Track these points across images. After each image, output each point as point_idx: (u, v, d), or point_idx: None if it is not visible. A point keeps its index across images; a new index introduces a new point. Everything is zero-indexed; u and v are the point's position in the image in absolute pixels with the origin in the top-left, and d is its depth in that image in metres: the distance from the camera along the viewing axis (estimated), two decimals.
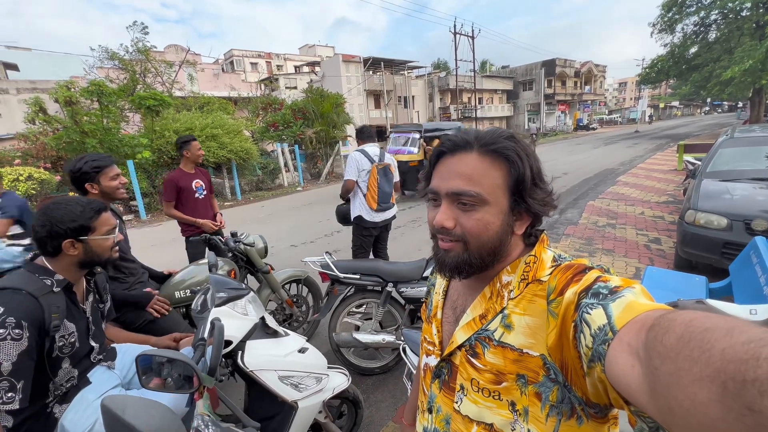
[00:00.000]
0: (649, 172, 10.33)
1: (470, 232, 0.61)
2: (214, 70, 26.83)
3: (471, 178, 0.60)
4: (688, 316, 0.34)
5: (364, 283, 2.47)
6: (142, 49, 13.28)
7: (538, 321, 0.57)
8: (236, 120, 12.71)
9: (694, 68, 21.35)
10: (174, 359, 0.87)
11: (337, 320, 2.55)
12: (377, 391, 2.41)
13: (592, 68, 43.53)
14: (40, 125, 9.24)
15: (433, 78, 34.99)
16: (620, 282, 0.49)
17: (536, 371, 0.57)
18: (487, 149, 0.61)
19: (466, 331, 0.65)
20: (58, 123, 9.01)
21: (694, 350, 0.29)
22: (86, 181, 1.75)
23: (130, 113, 11.28)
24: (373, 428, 2.10)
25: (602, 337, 0.43)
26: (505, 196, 0.61)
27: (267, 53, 37.86)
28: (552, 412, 0.56)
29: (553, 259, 0.62)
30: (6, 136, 13.69)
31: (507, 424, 0.59)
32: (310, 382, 1.58)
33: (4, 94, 19.04)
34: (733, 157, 4.26)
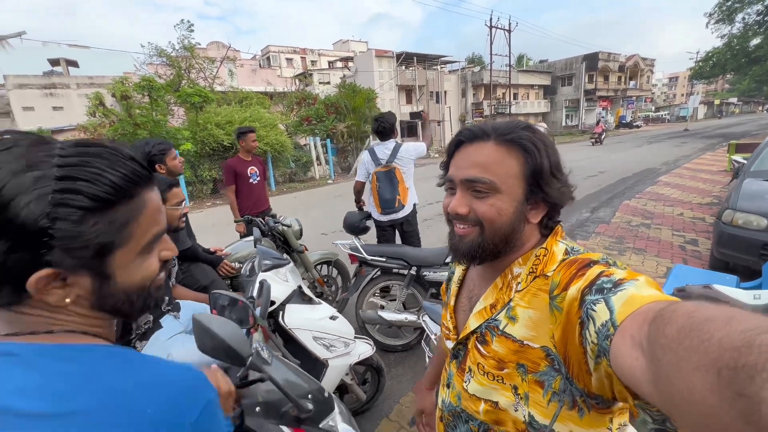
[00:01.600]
0: (694, 173, 9.76)
1: (484, 217, 0.63)
2: (252, 65, 27.84)
3: (485, 167, 0.63)
4: (690, 307, 0.34)
5: (389, 265, 2.65)
6: (187, 46, 14.09)
7: (541, 314, 0.58)
8: (272, 114, 13.26)
9: (755, 61, 19.74)
10: (236, 300, 1.08)
11: (364, 299, 2.75)
12: (398, 366, 2.59)
13: (638, 62, 40.97)
14: (99, 118, 10.11)
15: (466, 73, 34.40)
16: (624, 274, 0.49)
17: (536, 362, 0.59)
18: (503, 139, 0.63)
19: (477, 318, 0.68)
20: (115, 115, 9.82)
21: (694, 340, 0.30)
22: (155, 162, 2.04)
23: (174, 107, 12.09)
24: (394, 398, 2.28)
25: (605, 332, 0.43)
26: (520, 184, 0.63)
27: (302, 49, 38.73)
28: (554, 398, 0.58)
29: (564, 252, 0.63)
30: (68, 127, 15.04)
31: (510, 405, 0.62)
32: (339, 345, 1.78)
33: (66, 89, 20.83)
34: None
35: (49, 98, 20.38)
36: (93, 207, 0.41)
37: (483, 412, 0.66)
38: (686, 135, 23.99)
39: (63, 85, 20.90)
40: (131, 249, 0.45)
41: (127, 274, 0.46)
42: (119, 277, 0.45)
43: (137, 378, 0.42)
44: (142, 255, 0.47)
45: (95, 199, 0.41)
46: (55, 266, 0.40)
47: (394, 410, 2.18)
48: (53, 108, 20.07)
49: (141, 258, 0.47)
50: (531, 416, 0.60)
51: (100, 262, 0.43)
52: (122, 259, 0.45)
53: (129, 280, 0.46)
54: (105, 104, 9.95)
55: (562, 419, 0.58)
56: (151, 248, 0.48)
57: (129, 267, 0.46)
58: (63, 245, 0.40)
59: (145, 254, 0.47)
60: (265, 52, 37.42)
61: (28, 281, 0.39)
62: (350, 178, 13.86)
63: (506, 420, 0.63)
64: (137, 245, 0.46)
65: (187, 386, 0.44)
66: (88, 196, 0.40)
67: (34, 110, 19.50)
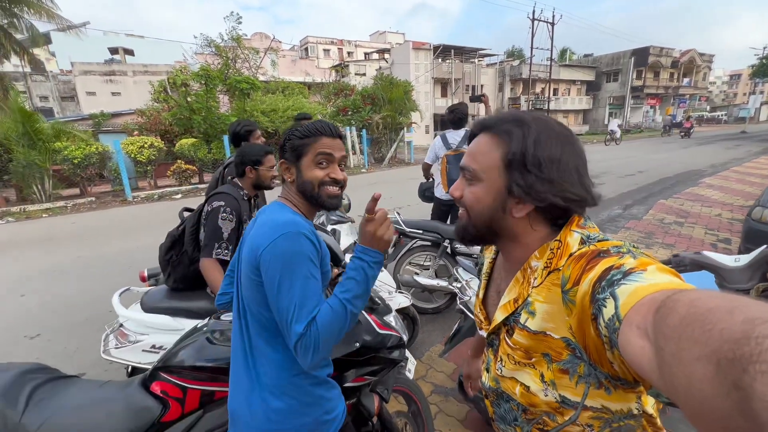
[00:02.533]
0: (743, 176, 9.34)
1: (466, 203, 0.69)
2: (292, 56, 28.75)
3: (473, 156, 0.68)
4: (692, 296, 0.34)
5: (425, 237, 3.03)
6: (235, 36, 14.92)
7: (557, 308, 0.60)
8: (311, 104, 13.88)
9: None
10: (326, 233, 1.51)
11: (401, 266, 3.15)
12: (429, 324, 2.98)
13: (695, 57, 38.17)
14: (160, 104, 11.06)
15: (504, 67, 33.67)
16: (635, 264, 0.49)
17: (559, 351, 0.61)
18: (495, 129, 0.66)
19: (503, 312, 0.70)
20: (174, 102, 10.73)
21: (696, 330, 0.30)
22: (242, 139, 2.52)
23: (220, 95, 12.95)
24: (426, 346, 2.68)
25: (612, 327, 0.44)
26: (501, 175, 0.64)
27: (339, 40, 39.30)
28: (581, 380, 0.60)
29: (580, 241, 0.61)
30: (127, 111, 16.31)
31: (540, 390, 0.65)
32: (384, 292, 2.19)
33: (124, 76, 22.45)
34: None
35: (109, 84, 22.02)
36: (299, 135, 0.97)
37: (519, 394, 0.69)
38: (743, 138, 22.39)
39: (121, 72, 22.50)
40: (308, 159, 0.96)
41: (306, 173, 0.96)
42: (303, 173, 0.96)
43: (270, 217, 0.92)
44: (312, 166, 0.96)
45: (300, 132, 0.97)
46: (285, 159, 0.99)
47: (425, 355, 2.58)
48: (112, 93, 21.72)
49: (312, 167, 0.96)
50: (562, 396, 0.63)
51: (298, 161, 0.97)
52: (305, 163, 0.96)
53: (306, 176, 0.96)
54: (168, 91, 10.87)
55: (592, 396, 0.61)
56: (318, 165, 0.96)
57: (307, 170, 0.96)
58: (288, 150, 0.98)
59: (314, 166, 0.96)
60: (303, 43, 38.35)
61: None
62: (383, 168, 14.28)
63: (539, 403, 0.66)
64: (311, 157, 0.96)
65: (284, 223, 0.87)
66: (298, 131, 0.98)
67: (95, 95, 21.21)
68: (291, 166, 0.98)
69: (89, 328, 3.08)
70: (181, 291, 1.89)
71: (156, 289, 1.96)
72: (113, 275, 4.27)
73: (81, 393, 1.10)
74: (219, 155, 10.66)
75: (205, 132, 10.91)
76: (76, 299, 3.70)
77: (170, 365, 1.13)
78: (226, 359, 1.13)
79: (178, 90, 10.49)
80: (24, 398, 1.02)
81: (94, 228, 6.94)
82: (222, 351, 1.14)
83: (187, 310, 1.82)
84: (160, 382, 1.12)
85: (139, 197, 10.02)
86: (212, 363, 1.12)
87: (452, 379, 2.31)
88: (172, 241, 1.90)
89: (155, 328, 1.79)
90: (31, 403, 1.02)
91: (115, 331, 1.84)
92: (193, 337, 1.21)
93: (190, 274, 1.83)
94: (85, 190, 10.18)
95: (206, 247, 1.71)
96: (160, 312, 1.82)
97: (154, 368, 1.15)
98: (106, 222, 7.46)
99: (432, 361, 2.51)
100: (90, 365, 2.60)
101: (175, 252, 1.88)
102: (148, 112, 13.09)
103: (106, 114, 14.88)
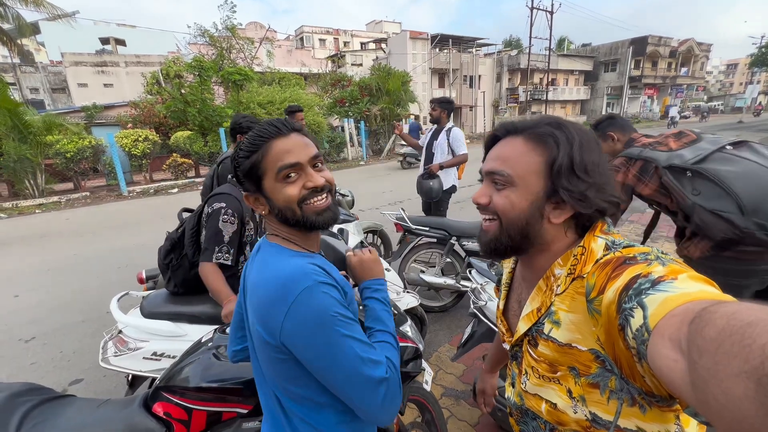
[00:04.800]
0: None
1: (498, 209, 0.64)
2: (288, 47, 28.23)
3: (506, 160, 0.64)
4: (731, 308, 0.32)
5: (432, 234, 2.95)
6: (230, 26, 14.58)
7: (582, 317, 0.57)
8: (308, 95, 13.66)
9: None
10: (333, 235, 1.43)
11: (407, 264, 3.08)
12: (436, 324, 2.92)
13: (693, 47, 37.94)
14: (153, 96, 10.83)
15: (502, 57, 33.29)
16: (664, 272, 0.47)
17: (587, 364, 0.58)
18: (529, 133, 0.64)
19: (525, 322, 0.68)
20: (168, 93, 10.50)
21: (735, 345, 0.28)
22: (239, 133, 2.42)
23: (215, 86, 12.70)
24: (433, 346, 2.62)
25: (641, 338, 0.43)
26: (539, 180, 0.62)
27: (335, 30, 38.65)
28: (612, 396, 0.57)
29: (604, 248, 0.59)
30: (120, 103, 15.98)
31: (568, 407, 0.62)
32: (392, 292, 2.12)
33: (116, 67, 21.94)
34: None
35: (101, 75, 21.52)
36: (245, 155, 0.72)
37: (545, 412, 0.66)
38: (740, 128, 22.34)
39: (113, 63, 21.97)
40: (269, 179, 0.72)
41: (277, 198, 0.72)
42: (273, 199, 0.73)
43: (272, 273, 0.70)
44: (280, 183, 0.71)
45: (245, 151, 0.73)
46: (246, 190, 0.76)
47: (432, 356, 2.52)
48: (104, 85, 21.23)
49: (280, 185, 0.71)
50: (593, 414, 0.59)
51: (260, 186, 0.73)
52: (269, 186, 0.72)
53: (278, 201, 0.72)
54: (162, 83, 10.63)
55: (626, 415, 0.57)
56: (286, 181, 0.71)
57: (274, 191, 0.72)
58: (243, 179, 0.75)
59: (282, 183, 0.71)
60: (299, 32, 37.69)
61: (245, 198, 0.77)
62: (382, 161, 14.14)
63: (568, 421, 0.63)
64: (272, 174, 0.71)
65: (291, 279, 0.66)
66: (243, 150, 0.73)
67: (87, 87, 20.73)
68: (257, 197, 0.75)
69: (86, 331, 2.99)
70: (182, 295, 1.80)
71: (156, 293, 1.87)
72: (110, 274, 4.17)
73: (77, 415, 1.02)
74: (215, 148, 10.49)
75: (200, 125, 10.71)
76: (71, 300, 3.60)
77: (174, 385, 1.05)
78: (235, 378, 1.05)
79: (172, 82, 10.25)
80: (15, 423, 0.94)
81: (90, 224, 6.80)
82: (230, 369, 1.06)
83: (189, 316, 1.73)
84: (162, 403, 1.04)
85: (135, 191, 9.86)
86: (220, 383, 1.04)
87: (462, 381, 2.25)
88: (172, 243, 1.80)
89: (156, 334, 1.71)
90: (24, 428, 0.94)
91: (113, 338, 1.75)
92: (197, 353, 1.13)
93: (191, 278, 1.75)
94: (79, 185, 10.01)
95: (206, 251, 1.62)
96: (161, 317, 1.74)
97: (156, 387, 1.07)
98: (101, 218, 7.32)
99: (441, 362, 2.45)
100: (88, 370, 2.52)
101: (174, 255, 1.79)
102: (142, 104, 12.83)
103: (98, 106, 14.58)
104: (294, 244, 0.76)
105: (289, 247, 0.75)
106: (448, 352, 2.55)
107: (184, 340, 1.69)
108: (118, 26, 29.25)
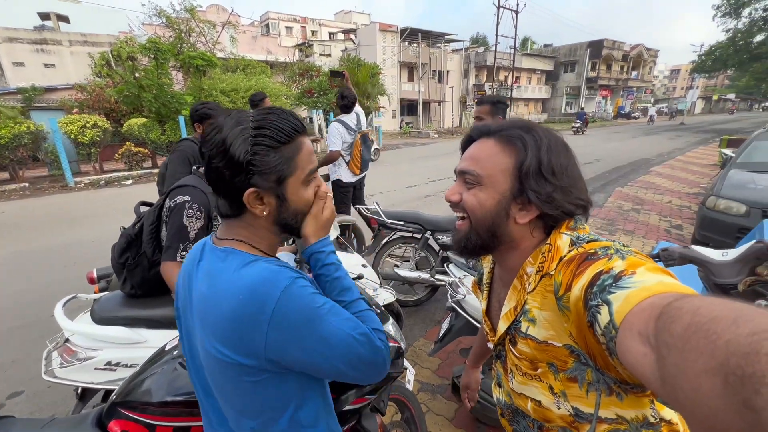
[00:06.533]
0: (686, 165, 10.13)
1: (467, 207, 0.67)
2: (253, 33, 27.00)
3: (476, 160, 0.67)
4: (695, 303, 0.33)
5: (406, 228, 2.92)
6: (188, 7, 13.66)
7: (554, 315, 0.59)
8: (275, 84, 13.15)
9: (756, 58, 19.90)
10: None
11: (381, 258, 3.04)
12: (410, 318, 2.91)
13: (642, 52, 40.69)
14: (103, 79, 9.96)
15: (470, 53, 33.88)
16: (624, 266, 0.48)
17: (564, 360, 0.60)
18: (500, 135, 0.66)
19: (504, 321, 0.70)
20: (120, 77, 9.69)
21: (700, 341, 0.29)
22: (198, 121, 2.26)
23: (173, 71, 11.88)
24: (408, 342, 2.60)
25: (609, 335, 0.44)
26: (507, 181, 0.64)
27: (302, 18, 37.46)
28: (591, 388, 0.59)
29: (570, 243, 0.61)
30: (63, 86, 14.59)
31: (551, 403, 0.65)
32: (369, 289, 2.07)
33: (58, 45, 20.00)
34: (766, 149, 4.34)
35: (41, 54, 19.58)
36: (273, 145, 0.62)
37: (531, 410, 0.69)
38: (682, 129, 24.32)
39: (55, 41, 20.03)
40: (297, 178, 0.65)
41: (295, 199, 0.66)
42: (292, 200, 0.66)
43: (224, 282, 0.61)
44: (303, 185, 0.66)
45: (275, 139, 0.62)
46: (255, 186, 0.62)
47: (408, 351, 2.50)
48: (44, 65, 19.35)
49: (303, 188, 0.66)
50: (576, 408, 0.62)
51: (280, 187, 0.64)
52: (292, 186, 0.65)
53: (298, 203, 0.66)
54: (112, 65, 9.79)
55: (605, 405, 0.60)
56: (309, 181, 0.67)
57: (296, 193, 0.66)
58: (259, 170, 0.61)
59: (305, 185, 0.67)
60: (264, 18, 36.16)
61: (244, 195, 0.61)
62: None
63: (553, 417, 0.66)
64: (301, 175, 0.65)
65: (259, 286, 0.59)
66: (270, 137, 0.62)
67: (24, 66, 18.78)
68: (268, 195, 0.64)
69: (26, 337, 2.70)
70: (140, 298, 1.64)
71: (109, 295, 1.70)
72: (54, 273, 3.79)
73: None
74: (174, 137, 9.81)
75: (157, 111, 9.98)
76: (10, 302, 3.24)
77: (133, 400, 0.94)
78: None
79: (124, 64, 9.46)
80: None
81: (30, 218, 6.17)
82: None
83: (148, 320, 1.59)
84: (120, 421, 0.93)
85: (83, 183, 9.06)
86: (187, 396, 0.94)
87: (438, 376, 2.26)
88: (128, 240, 1.63)
89: (110, 341, 1.55)
90: None
91: (59, 347, 1.57)
92: (161, 362, 1.01)
93: (151, 279, 1.60)
94: (16, 175, 9.04)
95: (169, 249, 1.48)
96: (116, 323, 1.57)
97: (112, 403, 0.95)
98: (44, 211, 6.65)
99: (417, 357, 2.44)
100: (29, 381, 2.27)
101: (131, 254, 1.63)
102: (90, 87, 11.77)
103: (38, 88, 13.22)
104: (257, 249, 0.67)
105: (249, 251, 0.65)
106: (424, 346, 2.55)
107: (144, 348, 1.54)
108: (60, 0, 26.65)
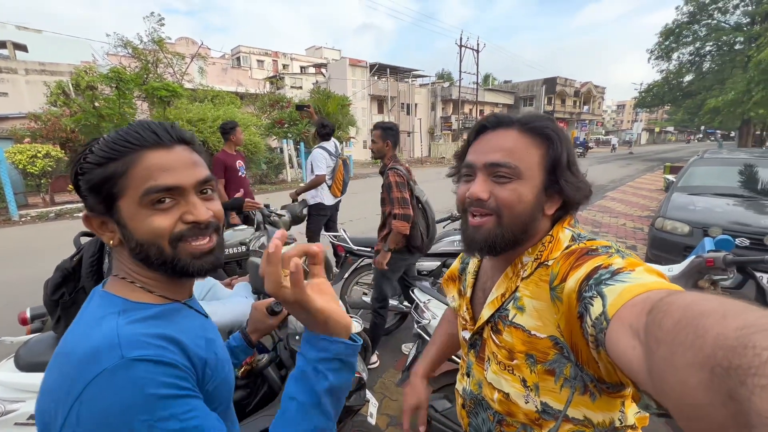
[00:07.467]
0: (636, 190, 10.90)
1: (504, 203, 0.62)
2: (223, 65, 27.21)
3: (510, 152, 0.63)
4: (687, 299, 0.33)
5: (374, 255, 2.89)
6: (156, 39, 13.63)
7: (545, 305, 0.59)
8: (244, 114, 13.14)
9: (687, 95, 22.20)
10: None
11: (349, 286, 2.96)
12: (380, 348, 2.81)
13: (591, 89, 44.67)
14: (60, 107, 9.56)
15: (436, 87, 35.73)
16: (623, 264, 0.49)
17: (545, 351, 0.60)
18: (528, 126, 0.64)
19: (490, 308, 0.69)
20: (78, 106, 9.33)
21: (689, 335, 0.29)
22: None
23: (138, 101, 11.61)
24: (377, 373, 2.51)
25: (599, 326, 0.44)
26: (540, 173, 0.63)
27: (274, 52, 38.31)
28: (566, 384, 0.59)
29: (570, 238, 0.63)
30: (15, 115, 13.88)
31: (520, 396, 0.64)
32: None
33: (13, 74, 19.17)
34: (701, 174, 4.79)
35: None
36: (99, 161, 0.52)
37: (497, 401, 0.68)
38: (631, 158, 26.41)
39: (9, 69, 19.19)
40: (131, 198, 0.51)
41: (135, 225, 0.52)
42: (131, 226, 0.52)
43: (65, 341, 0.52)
44: (145, 209, 0.52)
45: (97, 155, 0.52)
46: (89, 209, 0.54)
47: (377, 383, 2.40)
48: None
49: (146, 212, 0.52)
50: (544, 404, 0.62)
51: (112, 208, 0.52)
52: (127, 208, 0.52)
53: (139, 230, 0.52)
54: (69, 94, 9.43)
55: (575, 404, 0.60)
56: (154, 207, 0.52)
57: (135, 218, 0.52)
58: (86, 191, 0.53)
59: (149, 209, 0.52)
60: (236, 52, 36.66)
61: (83, 220, 0.54)
62: None
63: (517, 412, 0.65)
64: (135, 195, 0.51)
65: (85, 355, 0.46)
66: (94, 155, 0.52)
67: None
68: (105, 220, 0.54)
69: None
70: None
71: (38, 338, 1.53)
72: None
73: None
74: None
75: None
76: None
77: None
78: None
79: (83, 93, 9.15)
80: None
81: None
82: None
83: None
84: None
85: (29, 216, 8.40)
86: None
87: None
88: (63, 275, 1.49)
89: (36, 391, 1.37)
90: None
91: None
92: None
93: None
94: None
95: None
96: (45, 369, 1.40)
97: None
98: None
99: (386, 389, 2.34)
100: None
101: (67, 289, 1.48)
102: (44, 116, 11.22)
103: None
104: (146, 292, 0.55)
105: (128, 295, 0.54)
106: (393, 377, 2.46)
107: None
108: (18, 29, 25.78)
